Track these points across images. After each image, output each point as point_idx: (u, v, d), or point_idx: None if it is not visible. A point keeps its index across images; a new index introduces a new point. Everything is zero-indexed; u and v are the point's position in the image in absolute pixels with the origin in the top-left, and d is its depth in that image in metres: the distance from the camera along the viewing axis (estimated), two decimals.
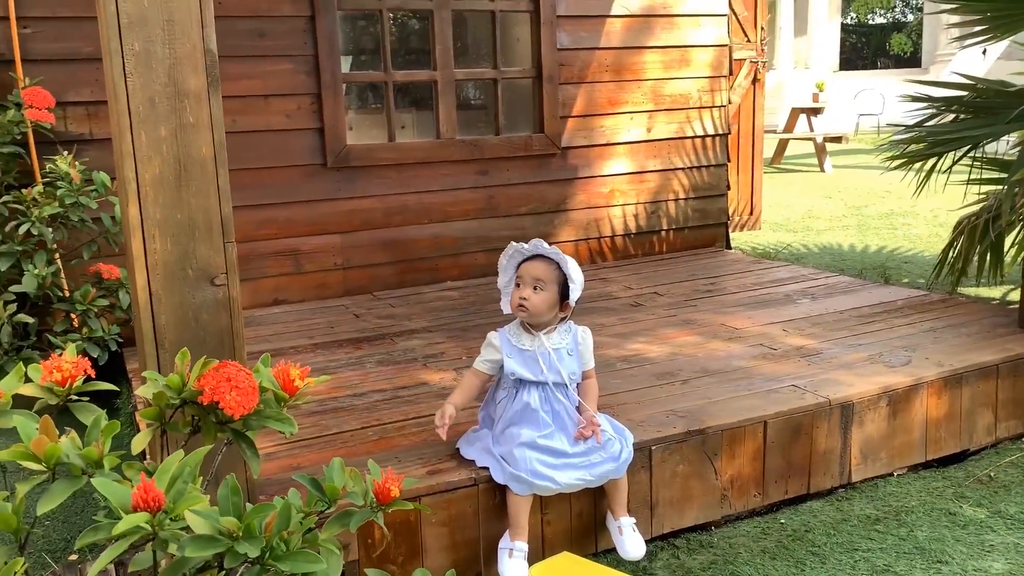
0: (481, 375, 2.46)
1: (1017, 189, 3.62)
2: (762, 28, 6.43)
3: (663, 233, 5.30)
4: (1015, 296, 4.95)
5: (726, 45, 5.32)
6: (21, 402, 1.40)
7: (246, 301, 4.32)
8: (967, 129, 3.90)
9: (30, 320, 3.29)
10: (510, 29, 4.95)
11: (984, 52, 4.47)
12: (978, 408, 3.11)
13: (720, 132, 5.38)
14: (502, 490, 2.36)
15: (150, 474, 1.14)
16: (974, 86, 4.34)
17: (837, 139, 12.52)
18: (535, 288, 2.36)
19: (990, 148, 4.50)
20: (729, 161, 5.52)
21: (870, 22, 26.54)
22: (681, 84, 5.19)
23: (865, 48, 26.36)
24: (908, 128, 4.43)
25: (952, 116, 4.41)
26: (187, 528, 1.05)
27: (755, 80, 6.49)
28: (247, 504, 1.23)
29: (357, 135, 5.04)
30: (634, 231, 5.20)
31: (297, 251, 4.39)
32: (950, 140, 3.88)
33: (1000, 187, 4.57)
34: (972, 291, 4.98)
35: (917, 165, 4.40)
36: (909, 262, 6.04)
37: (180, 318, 1.92)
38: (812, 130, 12.11)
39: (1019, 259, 4.28)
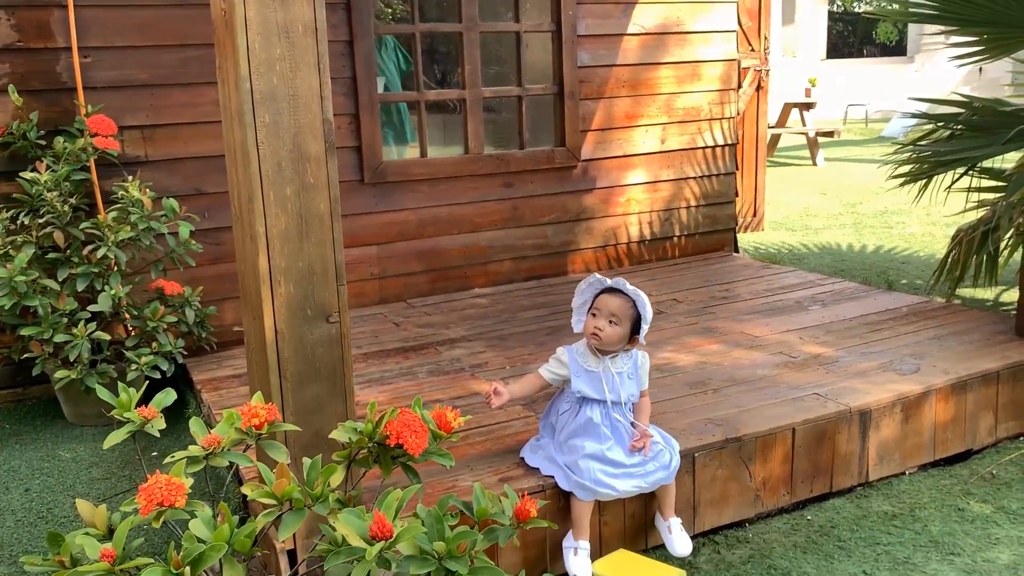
0: (543, 381, 2.74)
1: (1015, 206, 3.92)
2: (765, 38, 6.70)
3: (675, 239, 5.59)
4: (1006, 297, 5.28)
5: (735, 60, 5.59)
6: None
7: None
8: (966, 150, 4.20)
9: (107, 337, 3.53)
10: (533, 48, 5.20)
11: (980, 70, 4.77)
12: (981, 411, 3.42)
13: (729, 142, 5.66)
14: (566, 496, 2.64)
15: (343, 504, 1.41)
16: (971, 104, 4.64)
17: (829, 133, 12.81)
18: (610, 322, 2.62)
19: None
20: (737, 169, 5.81)
21: (856, 10, 26.84)
22: (693, 97, 5.47)
23: (851, 36, 26.67)
24: (906, 146, 4.73)
25: (948, 132, 4.72)
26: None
27: (759, 88, 6.77)
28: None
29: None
30: (648, 238, 5.49)
31: None
32: (951, 161, 4.18)
33: (994, 197, 4.89)
34: (967, 291, 5.30)
35: (919, 182, 4.71)
36: (907, 263, 6.36)
37: (300, 352, 2.18)
38: (804, 124, 12.41)
39: (1010, 260, 4.60)
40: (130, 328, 3.75)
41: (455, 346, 4.04)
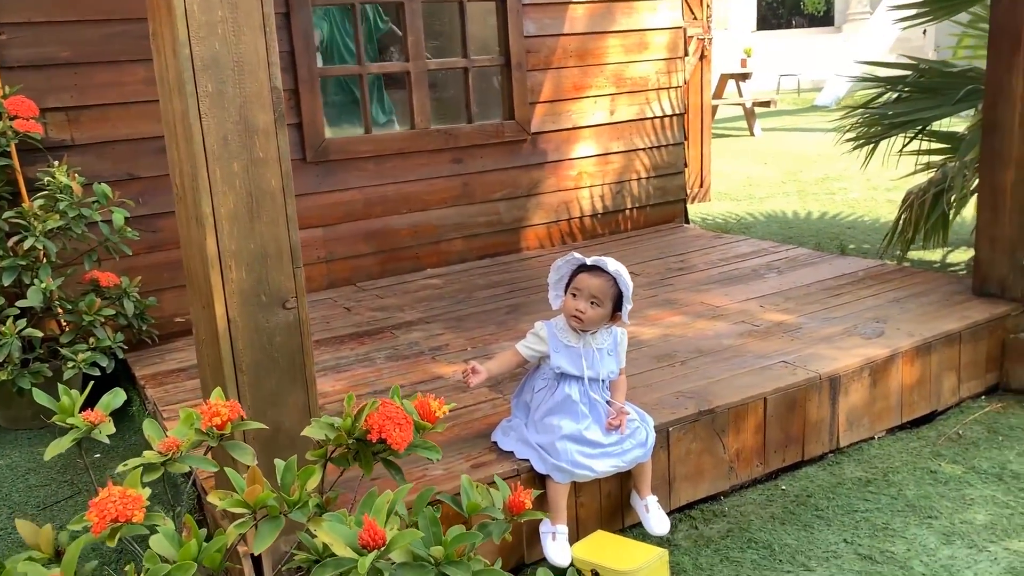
0: (520, 358, 2.62)
1: (968, 166, 3.92)
2: (707, 6, 6.64)
3: (627, 212, 5.51)
4: (952, 258, 5.34)
5: (681, 27, 5.51)
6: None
7: None
8: (919, 111, 4.20)
9: (39, 334, 3.30)
10: (478, 18, 5.04)
11: (924, 32, 4.79)
12: (944, 372, 3.42)
13: (677, 112, 5.59)
14: (541, 479, 2.54)
15: (322, 509, 1.27)
16: (917, 66, 4.65)
17: (766, 103, 12.90)
18: (592, 303, 2.51)
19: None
20: (687, 139, 5.75)
21: None
22: (641, 67, 5.37)
23: (780, 7, 26.97)
24: (855, 110, 4.73)
25: (895, 95, 4.72)
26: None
27: (702, 56, 6.72)
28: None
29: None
30: (601, 211, 5.40)
31: None
32: (905, 122, 4.17)
33: (941, 158, 4.92)
34: (915, 254, 5.34)
35: (868, 146, 4.71)
36: (853, 227, 6.41)
37: (255, 342, 2.02)
38: (741, 95, 12.47)
39: (957, 220, 4.63)
40: (64, 323, 3.52)
41: (412, 329, 3.89)
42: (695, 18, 6.56)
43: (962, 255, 5.36)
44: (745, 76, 12.46)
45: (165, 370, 3.55)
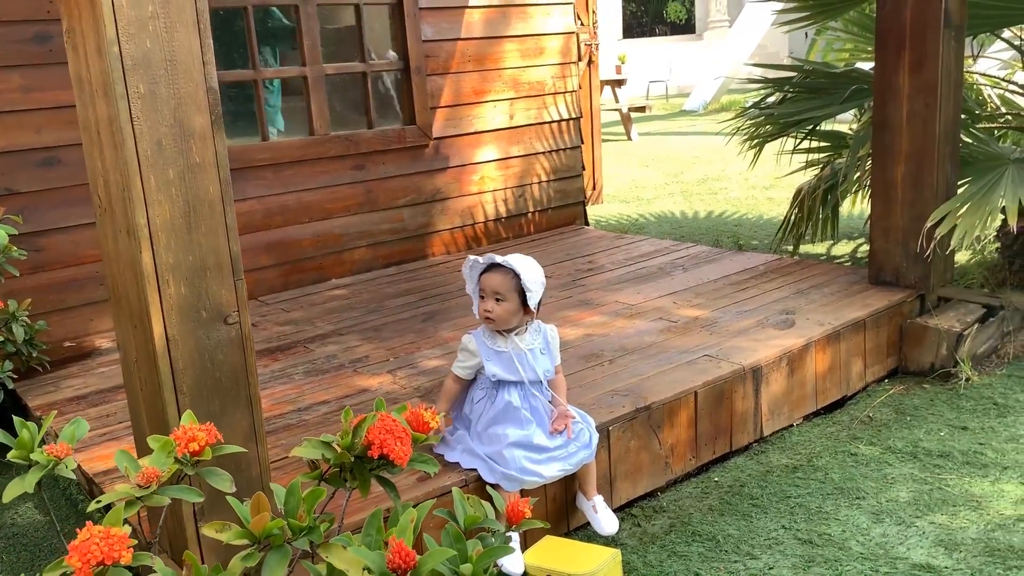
0: (462, 381, 2.57)
1: (859, 163, 4.13)
2: (593, 12, 6.75)
3: (530, 215, 5.52)
4: (836, 251, 5.62)
5: (574, 32, 5.58)
6: None
7: None
8: (809, 111, 4.39)
9: None
10: (375, 22, 4.94)
11: (806, 35, 5.05)
12: (852, 358, 3.58)
13: (573, 116, 5.65)
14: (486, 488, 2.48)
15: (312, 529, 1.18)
16: (802, 68, 4.86)
17: (641, 109, 13.27)
18: (496, 300, 2.48)
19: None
20: (583, 143, 5.82)
21: None
22: (537, 72, 5.40)
23: (644, 16, 27.84)
24: (748, 109, 4.90)
25: (782, 96, 4.93)
26: None
27: (590, 62, 6.82)
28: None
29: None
30: (504, 215, 5.39)
31: None
32: (797, 121, 4.35)
33: (823, 156, 5.16)
34: (803, 248, 5.59)
35: (755, 146, 4.89)
36: (739, 225, 6.65)
37: (196, 361, 1.88)
38: (617, 101, 12.76)
39: (854, 212, 4.86)
40: None
41: (326, 342, 3.75)
42: (582, 24, 6.65)
43: (845, 247, 5.65)
44: (621, 82, 12.76)
45: (62, 399, 3.29)
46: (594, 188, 7.25)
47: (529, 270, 2.50)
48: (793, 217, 5.03)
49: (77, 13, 1.78)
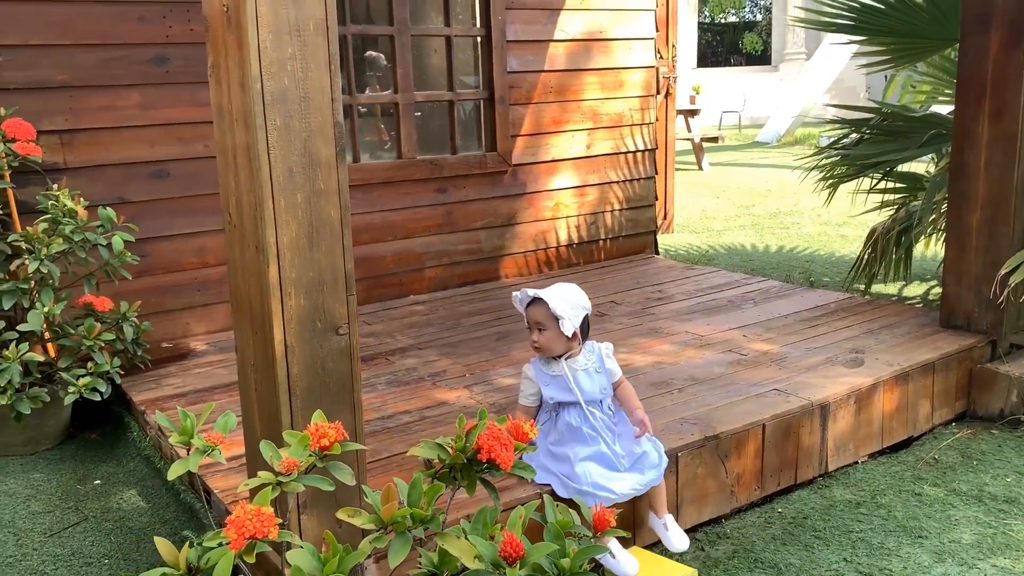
0: (530, 409, 2.72)
1: (935, 207, 4.18)
2: (673, 46, 6.89)
3: (601, 242, 5.67)
4: (908, 292, 5.62)
5: (654, 67, 5.72)
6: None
7: (218, 323, 4.37)
8: (887, 153, 4.45)
9: (39, 358, 3.26)
10: (464, 53, 5.16)
11: (886, 77, 5.14)
12: (920, 400, 3.62)
13: (649, 147, 5.79)
14: (565, 503, 2.62)
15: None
16: (880, 110, 4.92)
17: (714, 139, 13.33)
18: (539, 330, 2.64)
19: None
20: (657, 174, 5.95)
21: (723, 21, 28.06)
22: (616, 104, 5.56)
23: (720, 46, 27.85)
24: (824, 150, 4.98)
25: (857, 136, 4.99)
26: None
27: (667, 94, 6.96)
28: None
29: None
30: (576, 241, 5.54)
31: None
32: (875, 163, 4.42)
33: (897, 197, 5.20)
34: (875, 288, 5.61)
35: (831, 180, 4.95)
36: (810, 261, 6.68)
37: (310, 367, 2.07)
38: (690, 131, 12.85)
39: (927, 253, 4.87)
40: (54, 348, 3.47)
41: (406, 355, 3.94)
42: (661, 57, 6.80)
43: (917, 289, 5.65)
44: (694, 112, 12.85)
45: (163, 395, 3.53)
46: (665, 217, 7.36)
47: (558, 298, 2.62)
48: (866, 256, 5.07)
49: (224, 51, 2.00)
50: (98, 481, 3.24)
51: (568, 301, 2.65)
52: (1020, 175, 3.71)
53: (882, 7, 4.51)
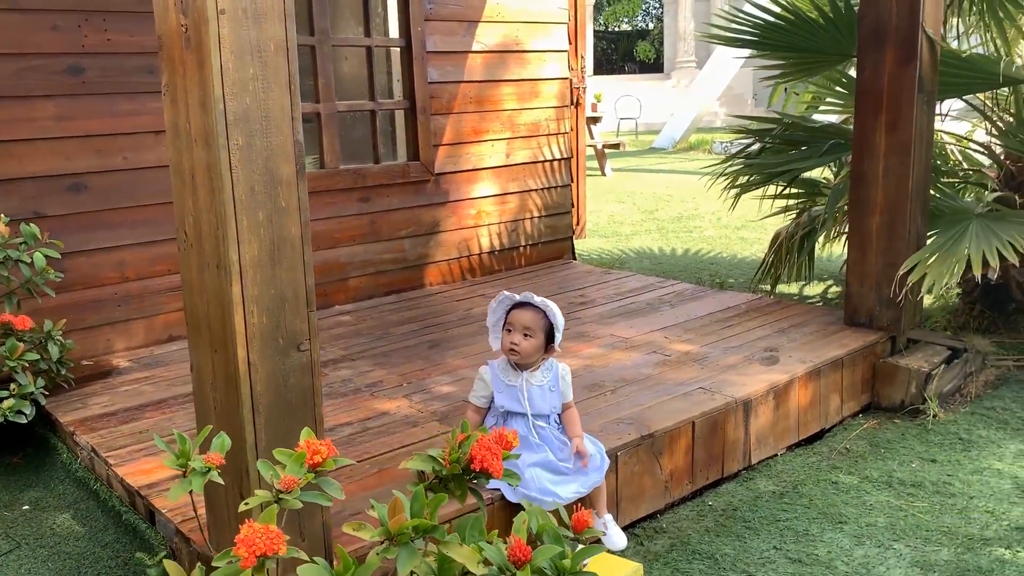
0: (481, 410, 2.79)
1: (838, 212, 4.46)
2: (581, 57, 7.08)
3: (522, 248, 5.78)
4: (808, 291, 5.95)
5: (568, 78, 5.88)
6: None
7: (140, 339, 4.27)
8: (792, 162, 4.72)
9: None
10: (384, 63, 5.19)
11: (786, 90, 5.43)
12: (830, 394, 3.87)
13: (565, 156, 5.95)
14: (512, 507, 2.70)
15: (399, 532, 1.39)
16: (782, 120, 5.21)
17: (615, 146, 13.67)
18: (525, 335, 2.71)
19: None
20: (573, 181, 6.11)
21: (616, 29, 28.76)
22: (533, 114, 5.69)
23: (614, 54, 28.52)
24: (728, 159, 5.23)
25: (760, 145, 5.27)
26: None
27: (577, 104, 7.14)
28: None
29: None
30: (498, 248, 5.64)
31: None
32: (781, 172, 4.68)
33: (797, 202, 5.50)
34: (780, 288, 5.91)
35: (738, 188, 5.21)
36: (715, 263, 6.98)
37: (272, 384, 2.09)
38: (592, 137, 13.14)
39: (823, 255, 5.19)
40: None
41: (339, 367, 3.95)
42: (571, 68, 6.96)
43: (816, 288, 5.99)
44: (596, 119, 13.16)
45: (92, 415, 3.44)
46: (578, 223, 7.54)
47: (558, 311, 2.73)
48: (771, 259, 5.35)
49: (182, 71, 2.00)
50: (27, 506, 3.14)
51: (560, 316, 2.72)
52: (915, 182, 4.01)
53: (784, 24, 4.78)
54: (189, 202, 2.10)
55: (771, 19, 4.77)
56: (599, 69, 26.92)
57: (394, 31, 5.90)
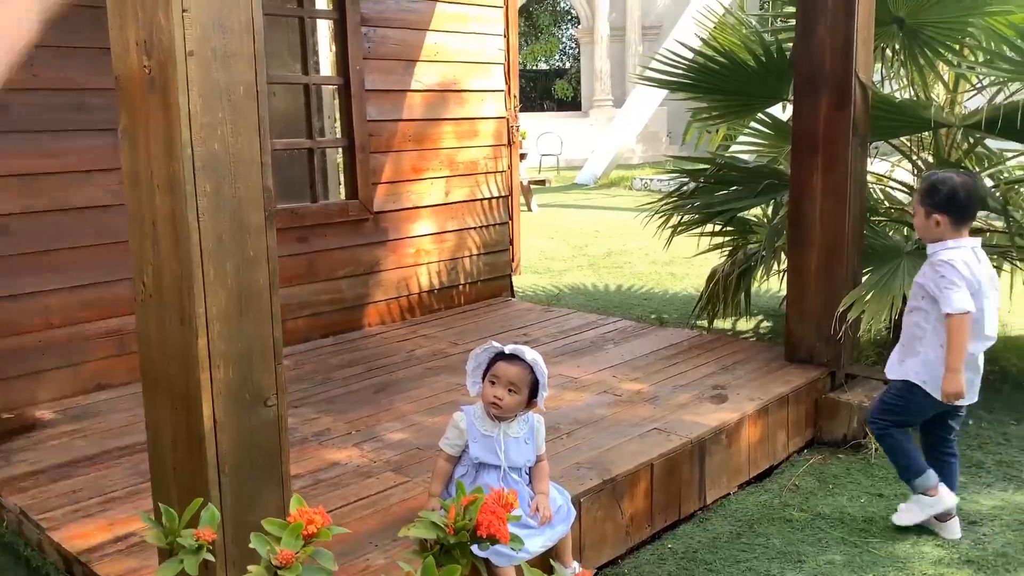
0: (453, 459, 2.69)
1: (775, 251, 4.56)
2: (514, 96, 7.11)
3: (461, 287, 5.73)
4: (741, 325, 6.05)
5: (505, 118, 5.90)
6: None
7: (67, 389, 4.04)
8: (728, 201, 4.82)
9: None
10: (315, 101, 5.10)
11: (713, 131, 5.58)
12: (778, 430, 3.92)
13: (502, 194, 5.95)
14: (481, 561, 2.61)
15: None
16: (715, 160, 5.32)
17: (541, 182, 13.79)
18: (509, 390, 2.63)
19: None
20: (511, 219, 6.11)
21: (535, 68, 29.20)
22: (471, 152, 5.68)
23: (533, 91, 28.90)
24: (665, 198, 5.31)
25: (694, 184, 5.37)
26: None
27: (511, 143, 7.16)
28: None
29: None
30: (437, 287, 5.57)
31: (122, 331, 4.16)
32: (719, 212, 4.76)
33: (728, 240, 5.61)
34: (704, 323, 5.97)
35: (678, 227, 5.29)
36: (648, 299, 7.06)
37: (239, 442, 1.98)
38: (519, 174, 13.23)
39: (756, 290, 5.30)
40: None
41: None
42: (507, 108, 6.99)
43: (748, 323, 6.10)
44: (522, 156, 13.25)
45: (18, 473, 3.21)
46: (513, 260, 7.53)
47: (545, 370, 2.65)
48: (707, 295, 5.43)
49: (144, 114, 1.90)
50: None
51: (546, 375, 2.65)
52: (850, 222, 4.13)
53: (717, 68, 4.90)
54: (149, 252, 1.98)
55: (706, 62, 4.89)
56: (520, 107, 27.21)
57: (325, 69, 5.85)
